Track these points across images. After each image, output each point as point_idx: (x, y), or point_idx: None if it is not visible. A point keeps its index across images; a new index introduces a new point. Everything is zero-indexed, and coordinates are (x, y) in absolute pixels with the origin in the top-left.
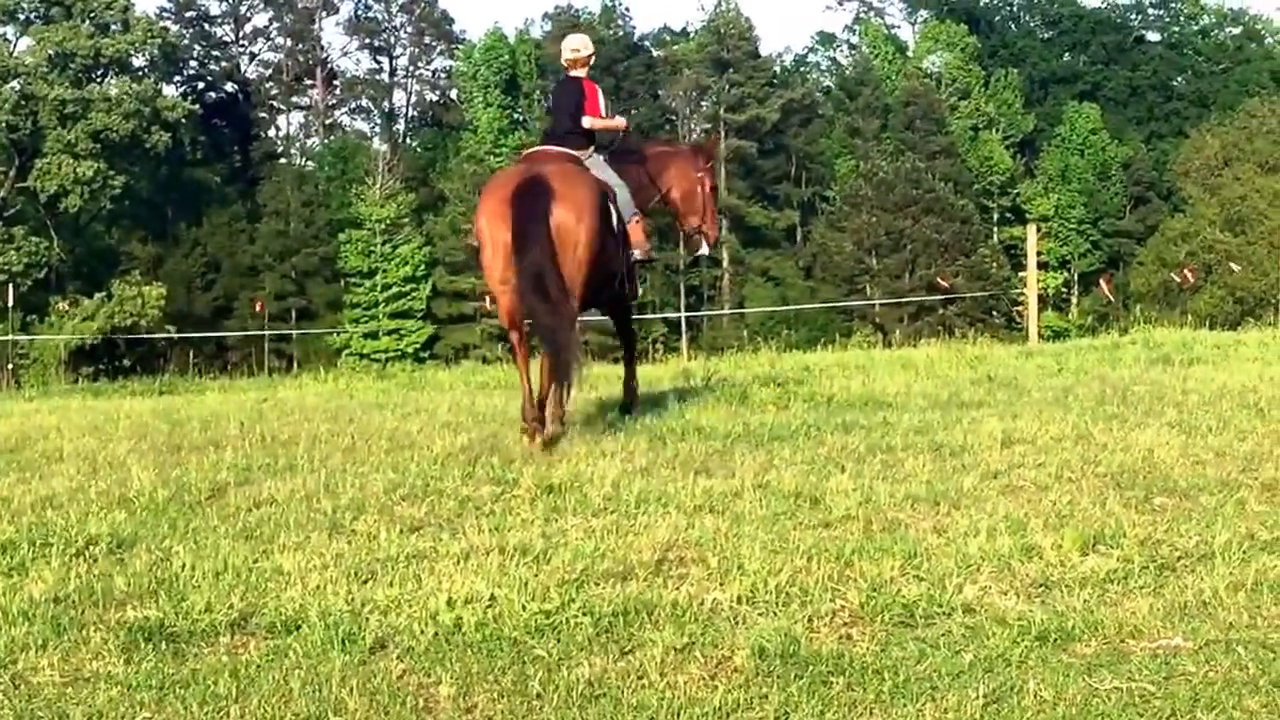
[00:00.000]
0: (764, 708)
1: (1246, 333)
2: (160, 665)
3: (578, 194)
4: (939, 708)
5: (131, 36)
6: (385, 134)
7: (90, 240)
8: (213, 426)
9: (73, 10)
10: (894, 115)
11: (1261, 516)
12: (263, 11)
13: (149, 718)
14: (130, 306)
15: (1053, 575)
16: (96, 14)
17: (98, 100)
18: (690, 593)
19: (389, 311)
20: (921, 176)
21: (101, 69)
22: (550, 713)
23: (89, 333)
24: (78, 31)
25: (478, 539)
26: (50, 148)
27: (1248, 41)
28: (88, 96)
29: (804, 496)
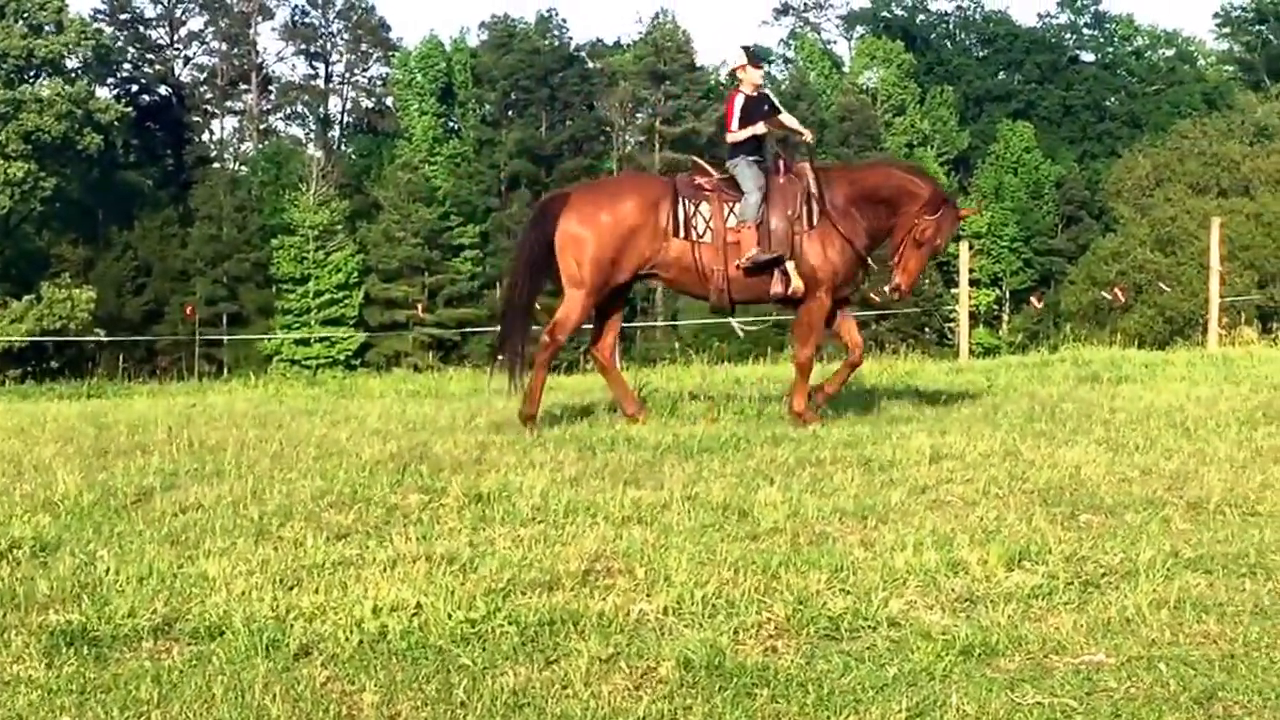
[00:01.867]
0: (687, 718)
1: (1175, 352)
2: (82, 669)
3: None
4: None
5: (65, 38)
6: (320, 140)
7: (20, 242)
8: (140, 431)
9: (5, 10)
10: (829, 130)
11: (1186, 534)
12: (198, 15)
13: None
14: (59, 309)
15: (978, 590)
16: (30, 14)
17: (29, 101)
18: (616, 603)
19: (321, 318)
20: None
21: (34, 70)
22: None
23: (16, 335)
24: (10, 32)
25: (404, 547)
26: None
27: (1180, 63)
28: (19, 97)
29: (732, 509)
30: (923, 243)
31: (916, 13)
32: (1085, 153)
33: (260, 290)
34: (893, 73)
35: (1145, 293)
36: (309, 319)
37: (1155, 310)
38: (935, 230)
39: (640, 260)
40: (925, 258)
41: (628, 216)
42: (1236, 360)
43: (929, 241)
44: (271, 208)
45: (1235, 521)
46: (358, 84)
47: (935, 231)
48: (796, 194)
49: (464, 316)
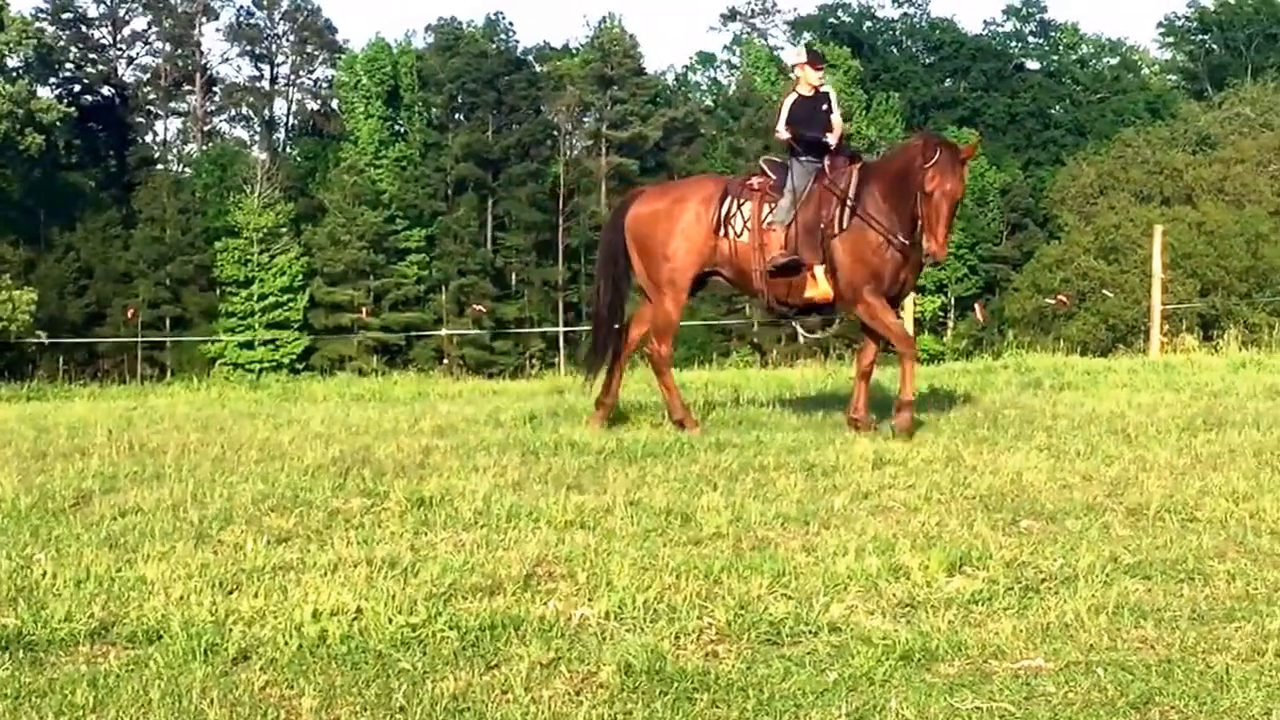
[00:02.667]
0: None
1: (1117, 359)
2: (17, 674)
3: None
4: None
5: (6, 36)
6: (264, 142)
7: None
8: (80, 434)
9: None
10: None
11: (1125, 541)
12: (141, 15)
13: None
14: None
15: (919, 595)
16: None
17: None
18: (558, 608)
19: (265, 321)
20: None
21: None
22: None
23: None
24: None
25: (345, 551)
26: None
27: (1124, 72)
28: None
29: (675, 514)
30: (931, 193)
31: (863, 20)
32: (1030, 160)
33: (203, 293)
34: (840, 79)
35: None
36: (253, 322)
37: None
38: (939, 176)
39: (700, 258)
40: (942, 210)
41: (682, 215)
42: (1178, 367)
43: (938, 188)
44: (215, 210)
45: (1174, 528)
46: (303, 86)
47: (939, 177)
48: (833, 197)
49: (410, 320)
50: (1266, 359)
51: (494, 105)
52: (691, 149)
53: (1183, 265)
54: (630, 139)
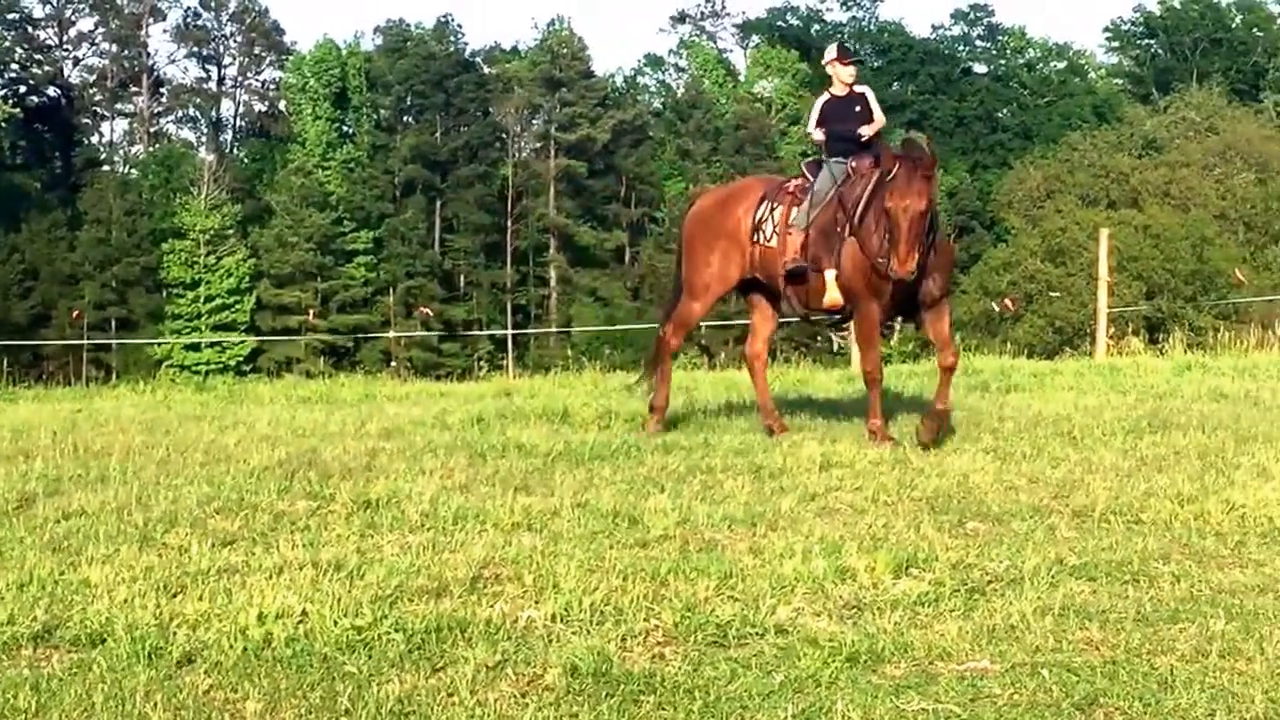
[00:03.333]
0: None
1: (1063, 362)
2: None
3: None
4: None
5: None
6: (212, 144)
7: None
8: (24, 436)
9: None
10: (724, 138)
11: (1071, 542)
12: (88, 16)
13: None
14: None
15: (865, 597)
16: None
17: None
18: (504, 610)
19: (211, 323)
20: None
21: None
22: None
23: None
24: None
25: (291, 554)
26: None
27: (1071, 75)
28: None
29: (622, 516)
30: (890, 210)
31: (811, 23)
32: (977, 164)
33: (150, 295)
34: (787, 82)
35: (1035, 303)
36: (199, 324)
37: (1045, 320)
38: (897, 192)
39: (739, 267)
40: (902, 227)
41: (726, 221)
42: (1123, 370)
43: (897, 204)
44: (162, 211)
45: (1119, 529)
46: (250, 87)
47: (898, 193)
48: (849, 200)
49: (357, 322)
50: (1211, 362)
51: (442, 107)
52: (640, 151)
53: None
54: (579, 141)
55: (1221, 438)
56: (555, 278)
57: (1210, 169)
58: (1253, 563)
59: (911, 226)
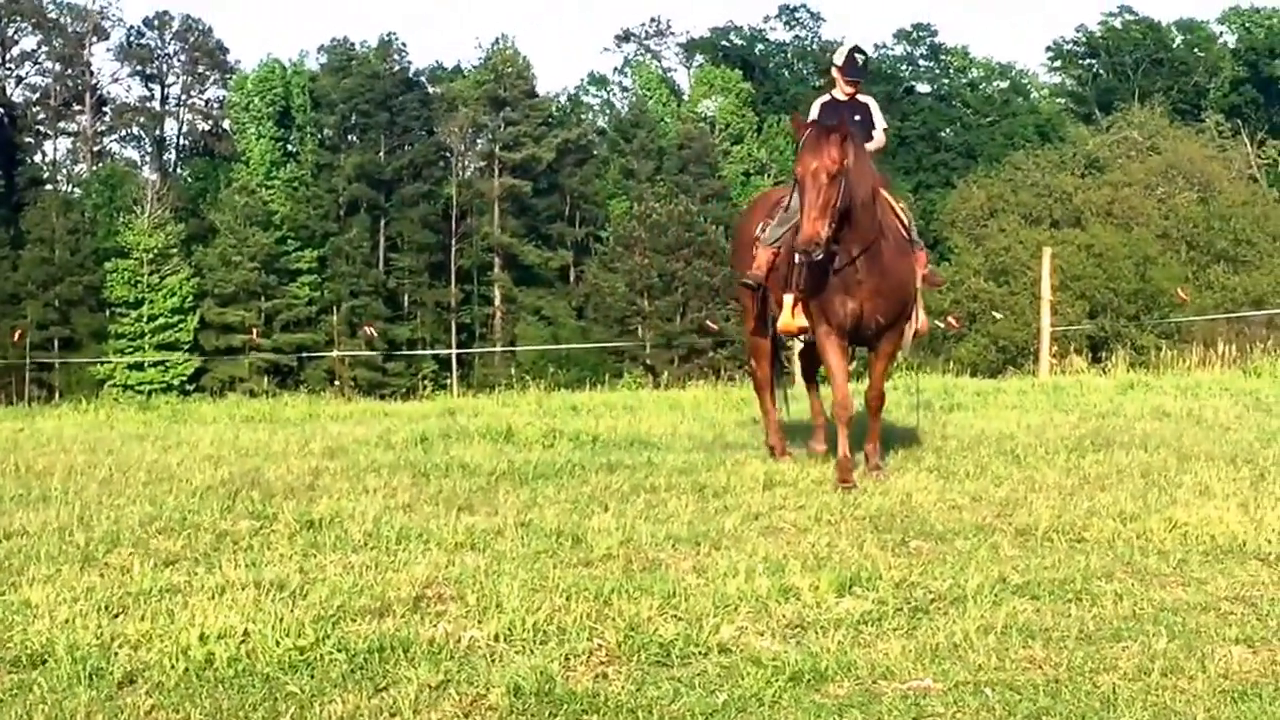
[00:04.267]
0: None
1: (1006, 381)
2: None
3: None
4: None
5: None
6: (155, 163)
7: None
8: None
9: None
10: (668, 158)
11: (1013, 561)
12: (30, 35)
13: None
14: None
15: (809, 616)
16: None
17: None
18: (447, 630)
19: (155, 343)
20: (694, 219)
21: None
22: None
23: None
24: None
25: (233, 574)
26: None
27: (1014, 95)
28: None
29: (566, 535)
30: (798, 175)
31: (755, 42)
32: (920, 183)
33: (93, 314)
34: (731, 101)
35: (978, 322)
36: (143, 343)
37: (988, 339)
38: (803, 156)
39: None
40: (805, 189)
41: (747, 228)
42: (1066, 389)
43: (802, 168)
44: (105, 231)
45: (1062, 548)
46: (194, 106)
47: (803, 156)
48: None
49: (301, 341)
50: (1154, 380)
51: (386, 126)
52: (584, 170)
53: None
54: (523, 160)
55: (1164, 456)
56: (499, 297)
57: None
58: (1195, 581)
59: (819, 192)
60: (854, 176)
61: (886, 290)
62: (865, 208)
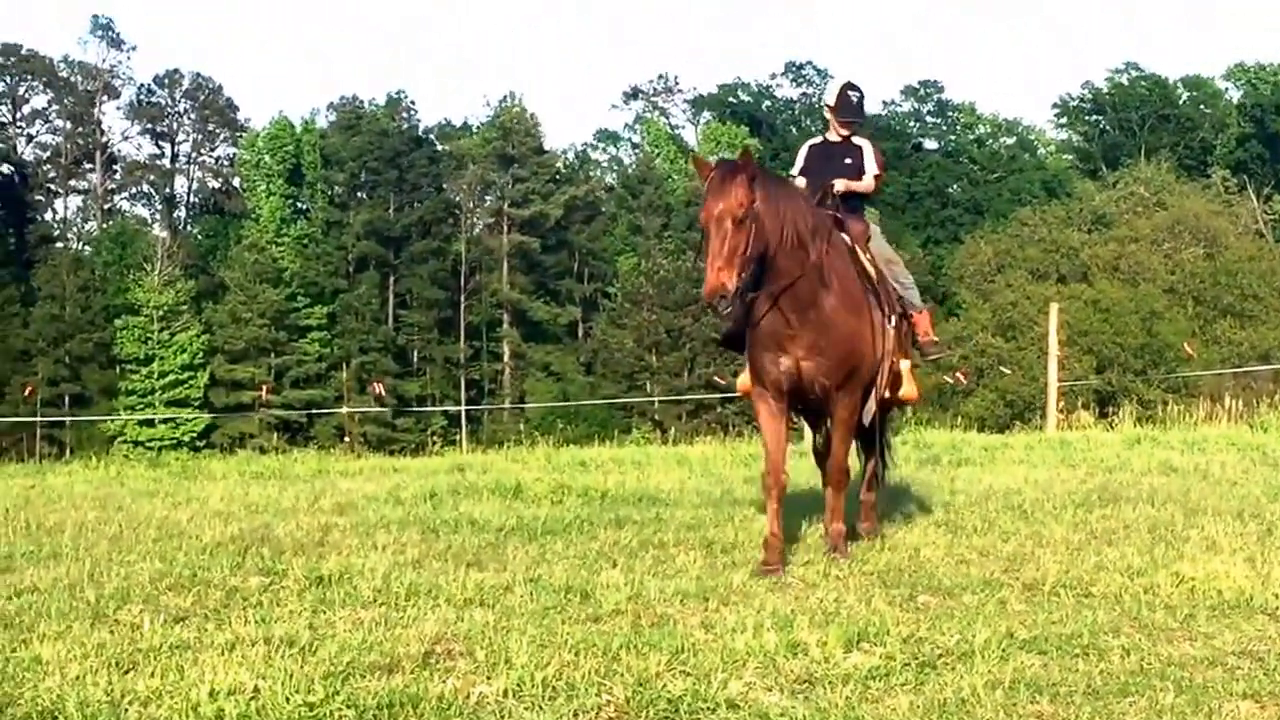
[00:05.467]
0: None
1: (1014, 436)
2: None
3: None
4: None
5: None
6: (165, 220)
7: None
8: None
9: None
10: (675, 214)
11: (1021, 615)
12: (42, 94)
13: None
14: None
15: (817, 671)
16: None
17: None
18: (456, 686)
19: (165, 399)
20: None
21: None
22: None
23: None
24: None
25: (243, 630)
26: None
27: (1021, 151)
28: None
29: (574, 590)
30: (701, 220)
31: (762, 99)
32: (929, 238)
33: (103, 371)
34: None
35: (986, 376)
36: (153, 400)
37: (996, 393)
38: (705, 200)
39: None
40: (709, 235)
41: None
42: (1074, 443)
43: (707, 213)
44: (115, 287)
45: (1069, 603)
46: (204, 164)
47: (705, 201)
48: None
49: (311, 398)
50: (1161, 435)
51: (395, 183)
52: (593, 227)
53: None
54: (532, 217)
55: (1171, 511)
56: (508, 353)
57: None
58: (1202, 636)
59: (723, 239)
60: (768, 218)
61: (827, 348)
62: (790, 253)
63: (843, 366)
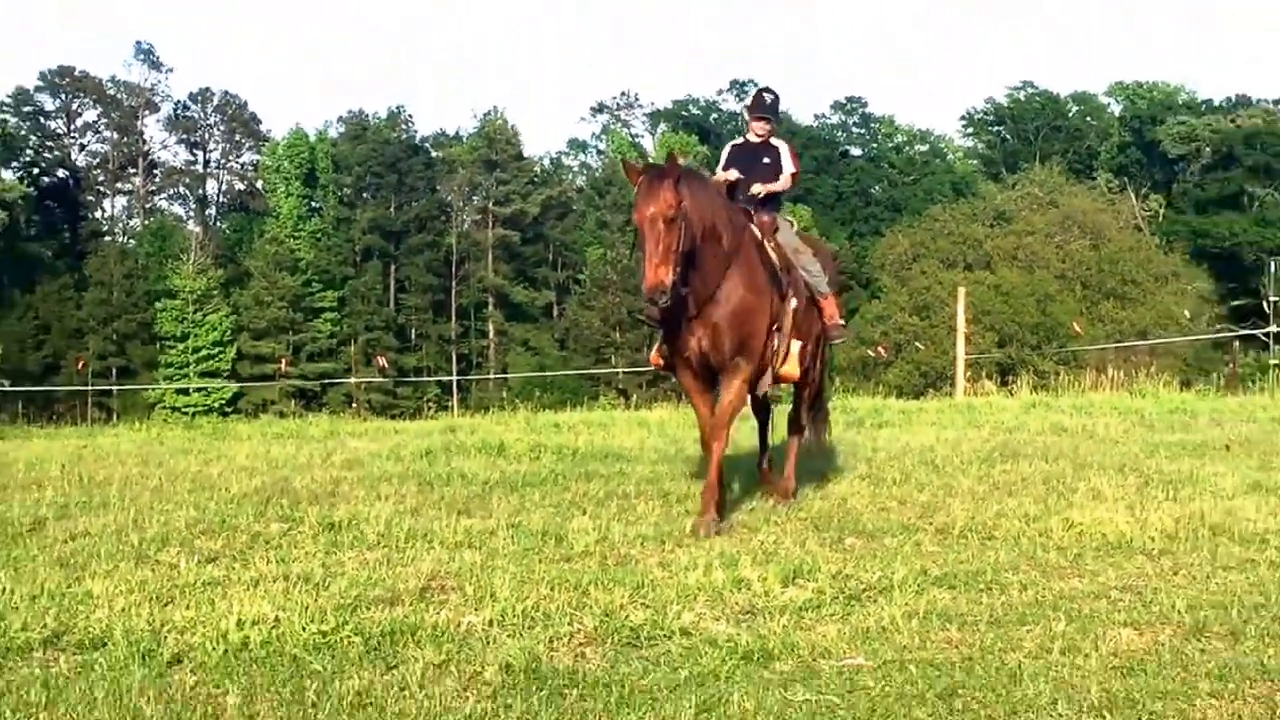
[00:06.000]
0: (509, 716)
1: (928, 401)
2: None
3: None
4: (658, 716)
5: None
6: (198, 217)
7: None
8: (36, 468)
9: None
10: None
11: (934, 555)
12: (92, 108)
13: None
14: None
15: (758, 604)
16: None
17: None
18: (449, 617)
19: (198, 371)
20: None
21: None
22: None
23: None
24: None
25: (265, 568)
26: None
27: (933, 157)
28: None
29: (550, 535)
30: (636, 221)
31: (710, 111)
32: (854, 232)
33: (145, 346)
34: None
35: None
36: (188, 371)
37: (912, 365)
38: (638, 203)
39: None
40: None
41: None
42: (978, 408)
43: (640, 214)
44: (155, 275)
45: (975, 545)
46: (232, 169)
47: (639, 204)
48: None
49: (324, 370)
50: (1053, 401)
51: (395, 185)
52: (565, 222)
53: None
54: (513, 214)
55: (1062, 466)
56: (493, 331)
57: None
58: (1089, 573)
59: (657, 239)
60: (693, 215)
61: (723, 323)
62: (709, 244)
63: (736, 340)
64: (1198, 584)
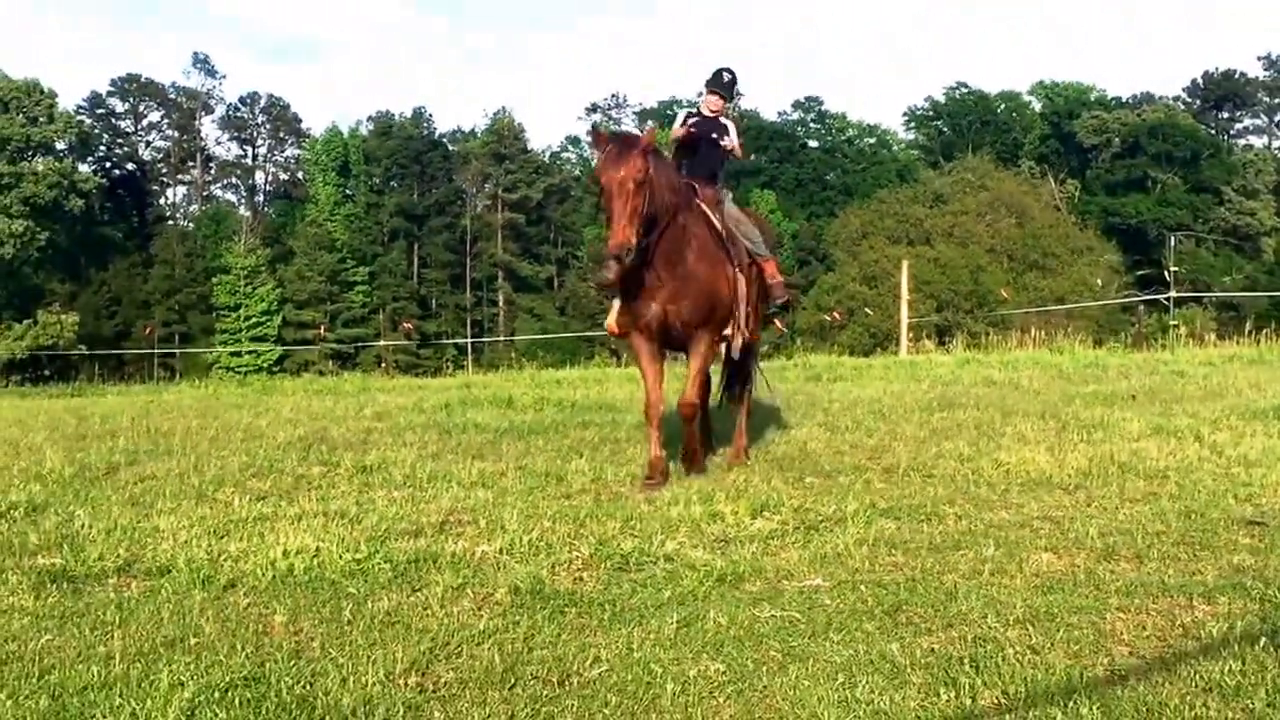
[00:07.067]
0: (517, 630)
1: (876, 359)
2: (62, 600)
3: None
4: (644, 630)
5: (55, 126)
6: (248, 204)
7: (21, 279)
8: (110, 420)
9: (9, 105)
10: None
11: (882, 491)
12: (156, 110)
13: (51, 639)
14: (51, 330)
15: (730, 533)
16: (28, 109)
17: (27, 174)
18: (465, 546)
19: (249, 336)
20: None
21: (31, 150)
22: (358, 635)
23: (18, 350)
24: (12, 121)
25: (308, 505)
26: None
27: (880, 148)
28: (19, 171)
29: (552, 475)
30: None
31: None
32: (812, 213)
33: (203, 315)
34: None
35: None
36: (240, 336)
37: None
38: (607, 167)
39: None
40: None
41: None
42: (920, 364)
43: (609, 176)
44: (212, 254)
45: (917, 481)
46: (277, 162)
47: (607, 168)
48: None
49: (357, 335)
50: (984, 357)
51: (418, 175)
52: (565, 206)
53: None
54: (519, 200)
55: (991, 413)
56: (502, 300)
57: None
58: (1015, 505)
59: (625, 200)
60: (657, 185)
61: (687, 293)
62: (667, 214)
63: (701, 310)
64: (1108, 514)
